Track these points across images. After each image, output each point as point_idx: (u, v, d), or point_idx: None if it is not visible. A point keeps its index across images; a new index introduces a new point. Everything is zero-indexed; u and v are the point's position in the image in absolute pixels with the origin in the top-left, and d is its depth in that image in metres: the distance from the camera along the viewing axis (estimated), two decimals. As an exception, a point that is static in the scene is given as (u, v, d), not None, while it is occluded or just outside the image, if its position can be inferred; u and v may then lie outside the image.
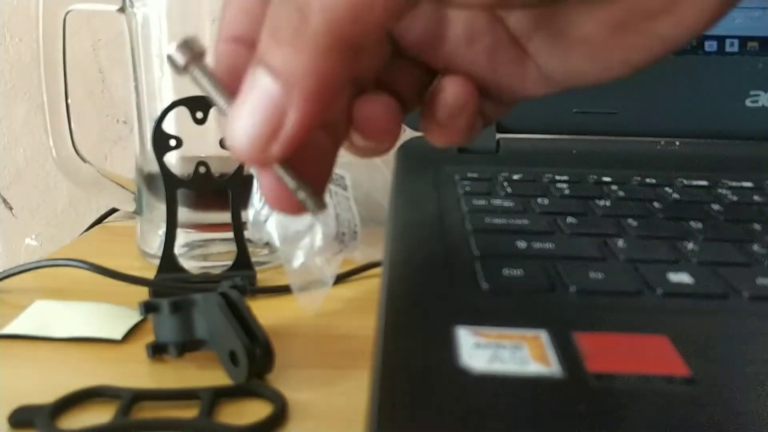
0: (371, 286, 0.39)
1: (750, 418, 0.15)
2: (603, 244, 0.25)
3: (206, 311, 0.28)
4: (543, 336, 0.18)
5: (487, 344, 0.18)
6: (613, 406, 0.15)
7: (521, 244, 0.25)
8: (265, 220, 0.36)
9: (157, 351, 0.29)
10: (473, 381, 0.16)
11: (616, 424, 0.15)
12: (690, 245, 0.25)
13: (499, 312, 0.20)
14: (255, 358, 0.26)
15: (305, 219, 0.35)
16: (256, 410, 0.25)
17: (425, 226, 0.27)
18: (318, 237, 0.35)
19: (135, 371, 0.29)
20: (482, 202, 0.30)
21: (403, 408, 0.15)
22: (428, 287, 0.21)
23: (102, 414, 0.25)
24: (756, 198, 0.32)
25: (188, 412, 0.25)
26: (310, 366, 0.30)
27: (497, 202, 0.30)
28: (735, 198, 0.32)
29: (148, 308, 0.28)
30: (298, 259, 0.35)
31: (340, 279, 0.39)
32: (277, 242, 0.36)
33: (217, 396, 0.26)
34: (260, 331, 0.27)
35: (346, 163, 0.39)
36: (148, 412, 0.25)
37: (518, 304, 0.21)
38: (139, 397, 0.26)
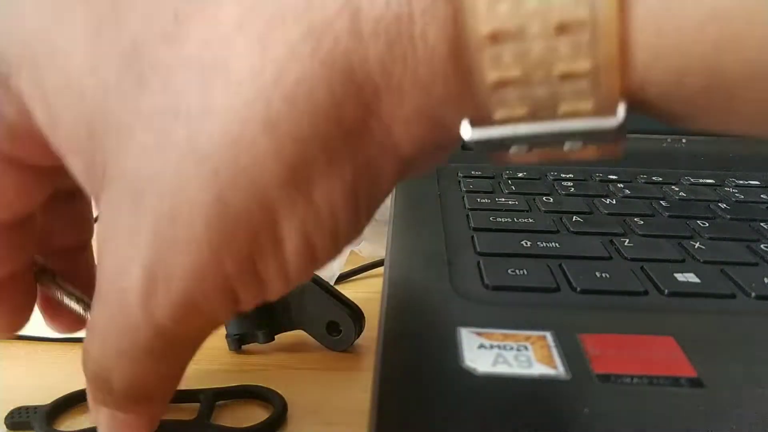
0: (374, 285, 0.39)
1: (757, 420, 0.15)
2: (609, 243, 0.25)
3: None
4: (548, 337, 0.18)
5: (491, 345, 0.17)
6: (619, 408, 0.15)
7: (526, 243, 0.24)
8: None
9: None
10: (477, 383, 0.16)
11: (622, 426, 0.15)
12: (697, 244, 0.25)
13: (503, 312, 0.20)
14: (358, 322, 0.27)
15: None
16: (256, 412, 0.25)
17: (428, 225, 0.27)
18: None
19: (134, 372, 0.28)
20: (486, 200, 0.30)
21: (406, 411, 0.15)
22: (431, 287, 0.21)
23: (100, 415, 0.25)
24: (763, 196, 0.32)
25: (187, 414, 0.25)
26: (310, 367, 0.29)
27: (501, 200, 0.30)
28: (742, 196, 0.32)
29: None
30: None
31: (342, 278, 0.38)
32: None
33: (217, 397, 0.26)
34: (344, 296, 0.28)
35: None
36: (146, 414, 0.25)
37: (523, 305, 0.20)
38: (137, 398, 0.25)
